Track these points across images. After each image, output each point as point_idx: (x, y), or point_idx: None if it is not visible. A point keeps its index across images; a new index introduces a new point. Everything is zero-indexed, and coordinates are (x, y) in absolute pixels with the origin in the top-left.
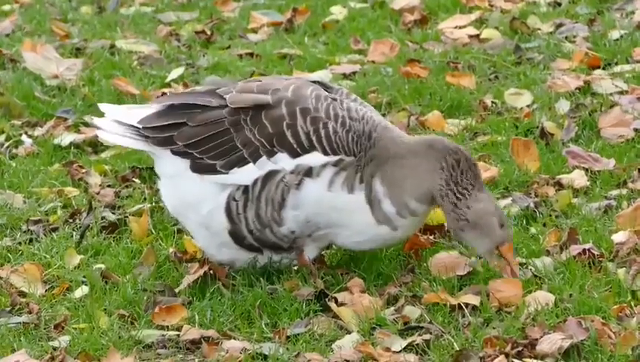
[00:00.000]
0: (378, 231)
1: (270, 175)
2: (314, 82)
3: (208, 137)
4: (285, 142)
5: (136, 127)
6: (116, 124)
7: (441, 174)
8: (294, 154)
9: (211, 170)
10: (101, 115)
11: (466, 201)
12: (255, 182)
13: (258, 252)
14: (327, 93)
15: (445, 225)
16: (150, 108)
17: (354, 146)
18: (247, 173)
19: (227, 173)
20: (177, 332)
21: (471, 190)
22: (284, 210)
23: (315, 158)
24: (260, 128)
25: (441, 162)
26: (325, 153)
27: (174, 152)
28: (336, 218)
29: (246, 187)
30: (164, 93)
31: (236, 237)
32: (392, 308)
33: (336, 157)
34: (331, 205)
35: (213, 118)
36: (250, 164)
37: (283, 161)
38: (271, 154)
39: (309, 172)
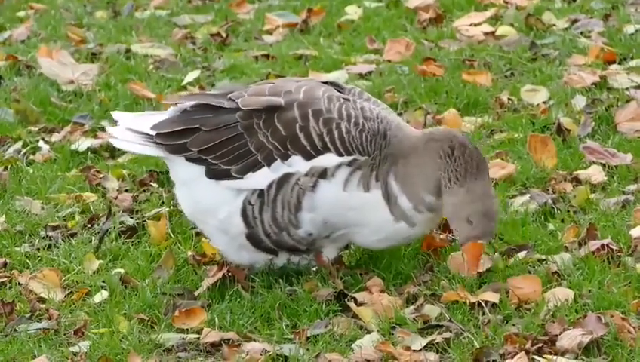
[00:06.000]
0: (396, 228)
1: (285, 178)
2: (326, 83)
3: (222, 142)
4: (299, 145)
5: (150, 135)
6: (130, 132)
7: (440, 163)
8: (308, 157)
9: (226, 175)
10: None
11: (445, 194)
12: (270, 185)
13: (274, 254)
14: (339, 94)
15: None
16: (164, 115)
17: (368, 146)
18: (262, 177)
19: (242, 178)
20: (197, 335)
21: (453, 182)
22: (300, 213)
23: (328, 159)
24: (272, 131)
25: (438, 151)
26: (339, 154)
27: (189, 159)
28: (353, 217)
29: (261, 191)
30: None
31: (253, 240)
32: (412, 307)
33: (350, 158)
34: (348, 205)
35: (225, 122)
36: (265, 168)
37: (297, 164)
38: (285, 157)
39: (323, 173)
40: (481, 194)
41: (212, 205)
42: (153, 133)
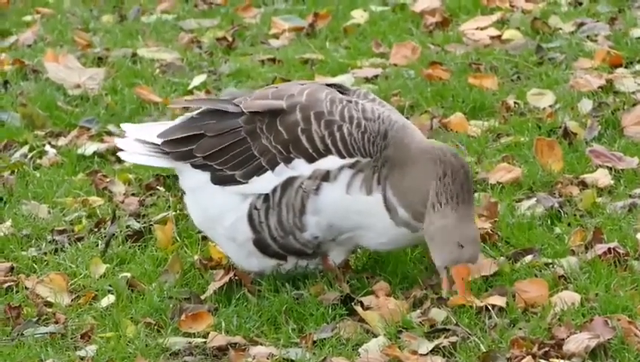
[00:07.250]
0: (399, 233)
1: (289, 181)
2: (330, 85)
3: (226, 148)
4: (301, 148)
5: (157, 145)
6: (137, 144)
7: (432, 183)
8: (311, 159)
9: (231, 180)
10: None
11: (434, 214)
12: (275, 189)
13: (283, 259)
14: (342, 96)
15: None
16: (171, 123)
17: (370, 147)
18: (266, 182)
19: (247, 183)
20: (204, 339)
21: (444, 204)
22: (305, 216)
23: (331, 162)
24: (275, 135)
25: (434, 171)
26: (341, 156)
27: (194, 166)
28: (357, 220)
29: (266, 195)
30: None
31: (261, 246)
32: (418, 311)
33: (353, 160)
34: (351, 208)
35: (229, 127)
36: (269, 172)
37: (300, 167)
38: (288, 160)
39: (326, 176)
40: (470, 219)
41: (219, 212)
42: (159, 141)
